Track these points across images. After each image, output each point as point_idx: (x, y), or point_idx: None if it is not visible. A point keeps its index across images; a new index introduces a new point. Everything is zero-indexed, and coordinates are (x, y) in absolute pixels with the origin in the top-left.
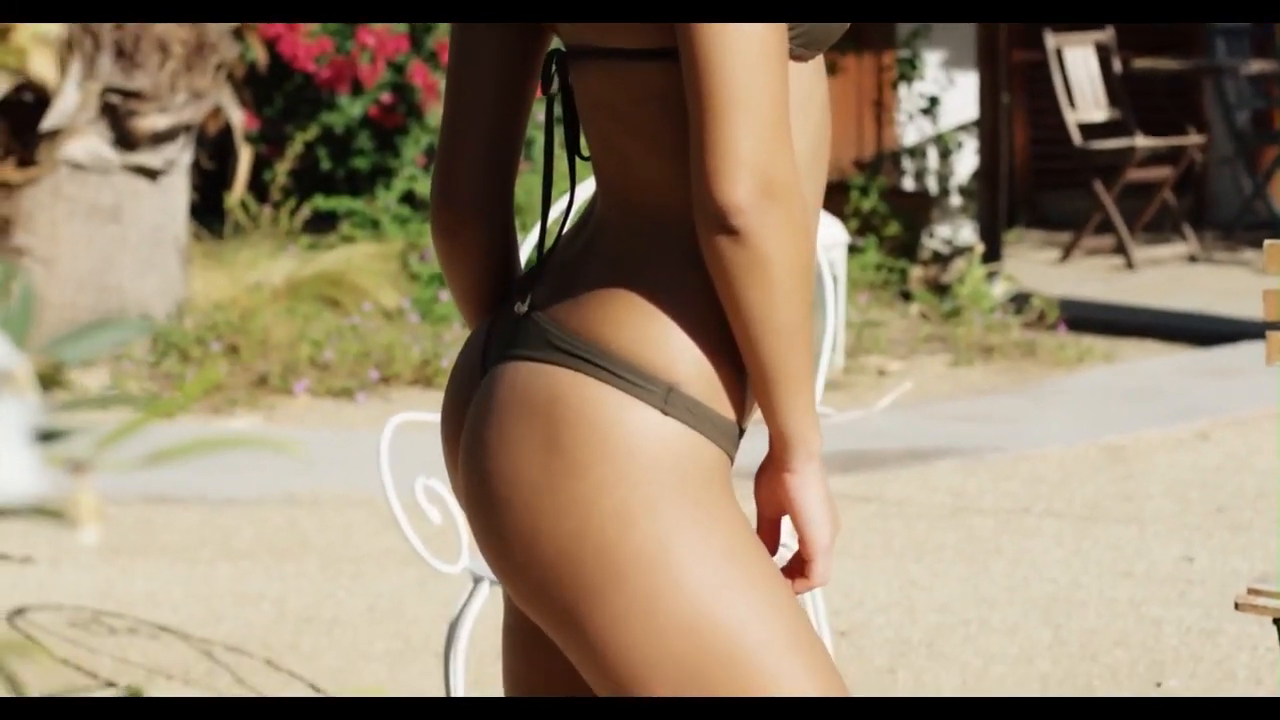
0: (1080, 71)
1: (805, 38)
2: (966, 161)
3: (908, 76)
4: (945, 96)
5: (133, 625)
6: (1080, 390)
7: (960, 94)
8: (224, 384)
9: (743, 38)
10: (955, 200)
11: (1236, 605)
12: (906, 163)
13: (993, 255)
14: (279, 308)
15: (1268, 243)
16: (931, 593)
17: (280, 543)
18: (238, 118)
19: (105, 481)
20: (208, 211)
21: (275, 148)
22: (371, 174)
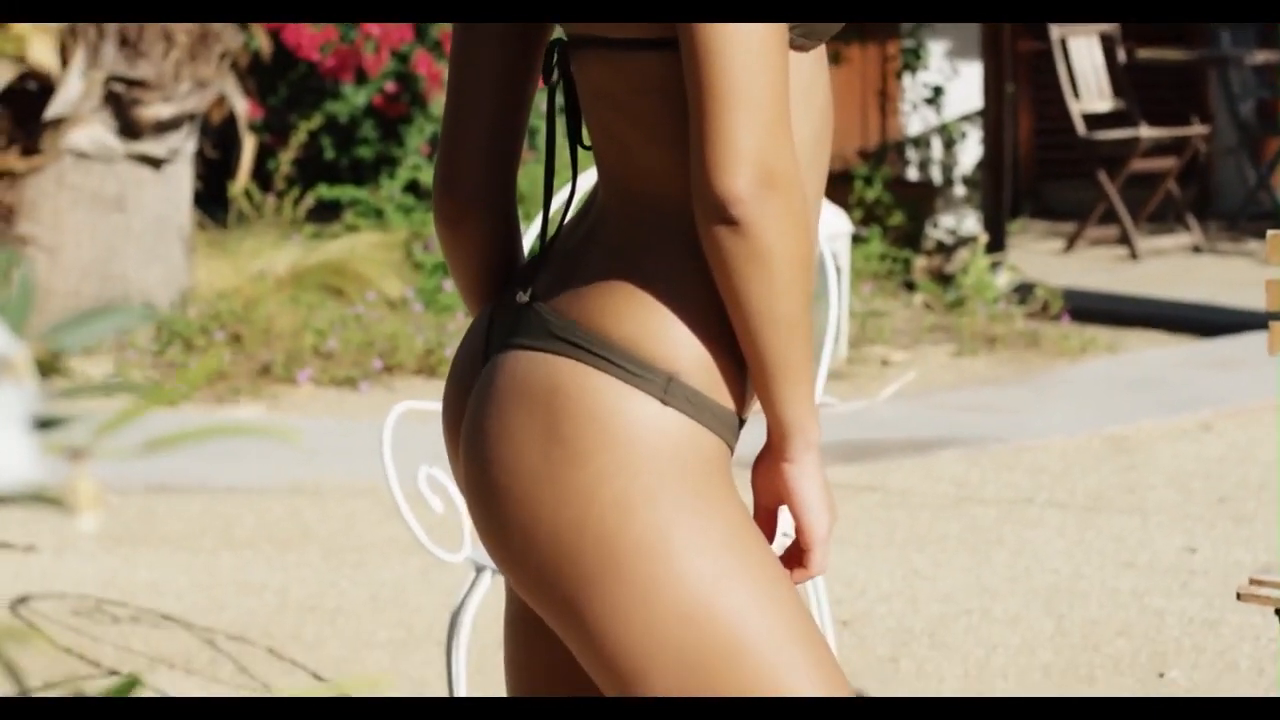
0: (1084, 62)
1: (806, 28)
2: (970, 151)
3: (912, 66)
4: (949, 86)
5: (135, 614)
6: (1083, 380)
7: (964, 84)
8: (227, 373)
9: (743, 28)
10: (959, 190)
11: (1239, 596)
12: (911, 153)
13: (996, 245)
14: (283, 297)
15: (1271, 233)
16: (934, 582)
17: (283, 532)
18: (242, 106)
19: (108, 470)
20: (212, 200)
21: (279, 137)
22: (375, 163)
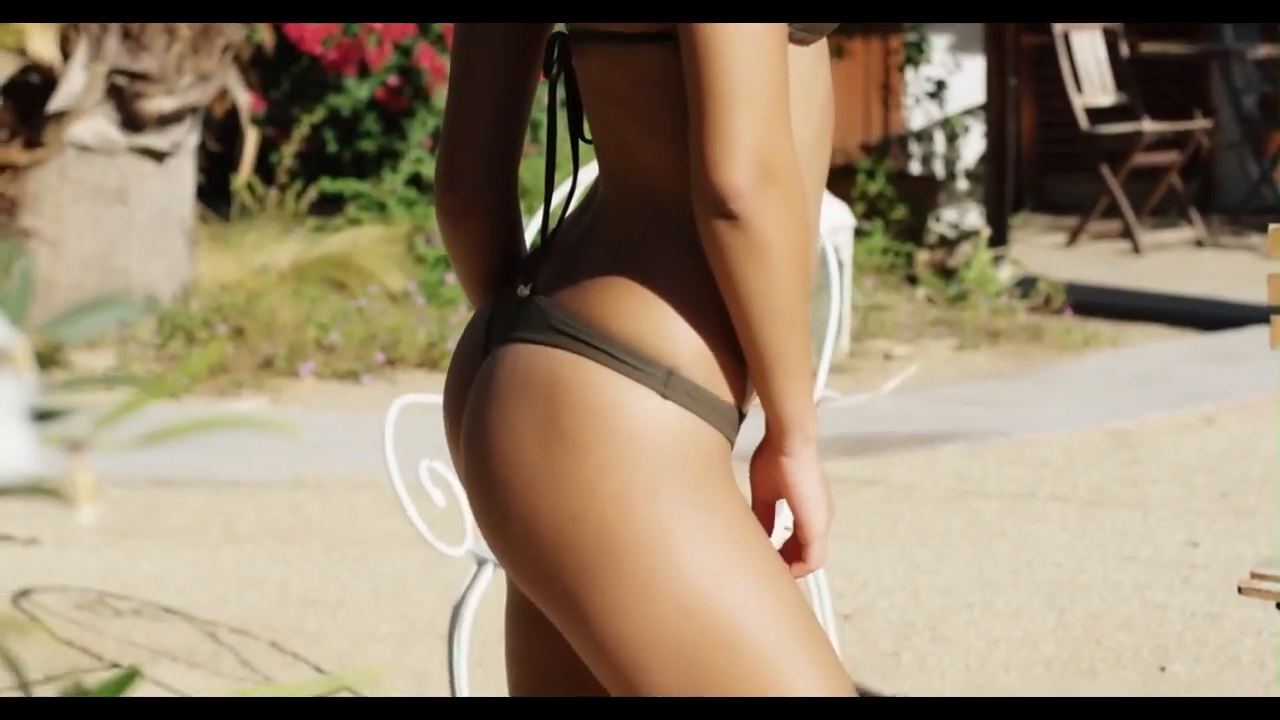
0: (1087, 55)
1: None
2: (973, 145)
3: (915, 60)
4: (952, 80)
5: (138, 607)
6: (1086, 375)
7: (967, 78)
8: (230, 366)
9: (742, 23)
10: (962, 184)
11: (1240, 590)
12: (913, 146)
13: (999, 239)
14: (285, 290)
15: (1273, 227)
16: (936, 576)
17: (285, 525)
18: (244, 100)
19: (111, 464)
20: (214, 194)
21: (282, 130)
22: (378, 156)
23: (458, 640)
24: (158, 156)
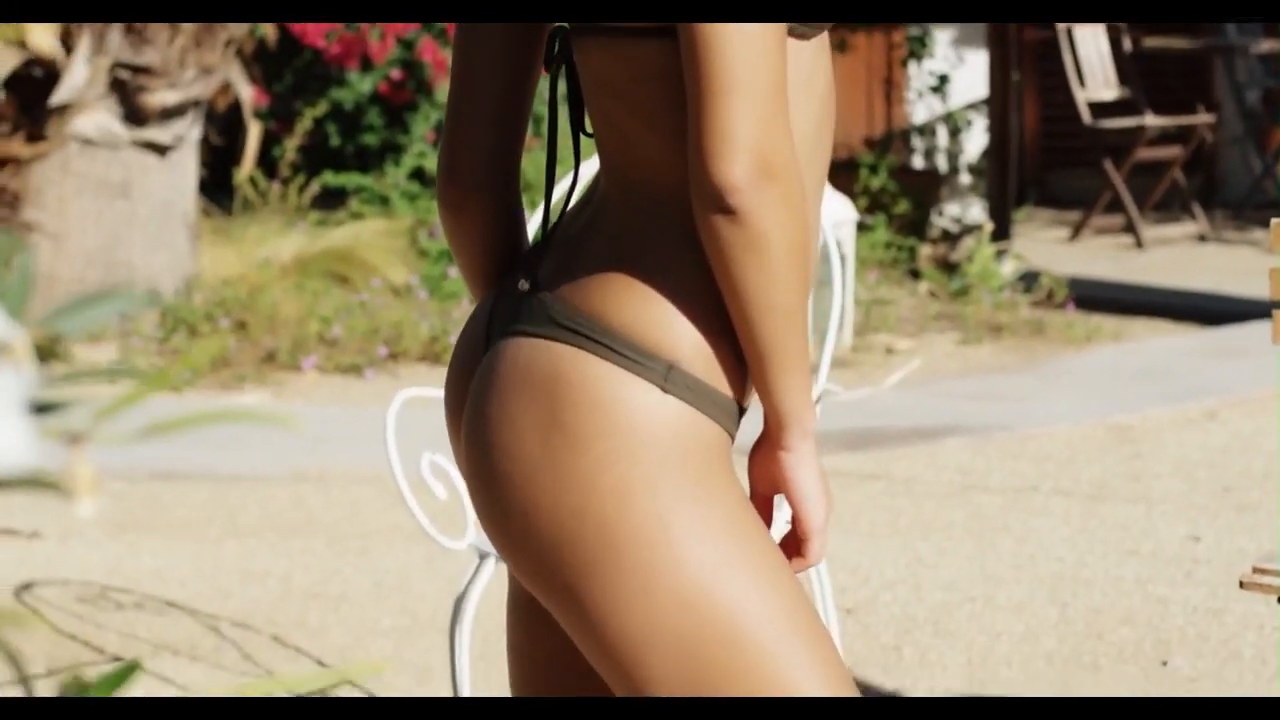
0: (1090, 50)
1: None
2: (976, 140)
3: (918, 54)
4: (955, 74)
5: (140, 601)
6: (1088, 369)
7: (970, 72)
8: (232, 360)
9: None
10: (964, 178)
11: (1242, 584)
12: (916, 141)
13: (1002, 234)
14: (288, 284)
15: (1275, 222)
16: (938, 570)
17: (287, 519)
18: (247, 93)
19: (114, 457)
20: (217, 188)
21: (284, 124)
22: (381, 150)
23: (459, 634)
24: (160, 150)
